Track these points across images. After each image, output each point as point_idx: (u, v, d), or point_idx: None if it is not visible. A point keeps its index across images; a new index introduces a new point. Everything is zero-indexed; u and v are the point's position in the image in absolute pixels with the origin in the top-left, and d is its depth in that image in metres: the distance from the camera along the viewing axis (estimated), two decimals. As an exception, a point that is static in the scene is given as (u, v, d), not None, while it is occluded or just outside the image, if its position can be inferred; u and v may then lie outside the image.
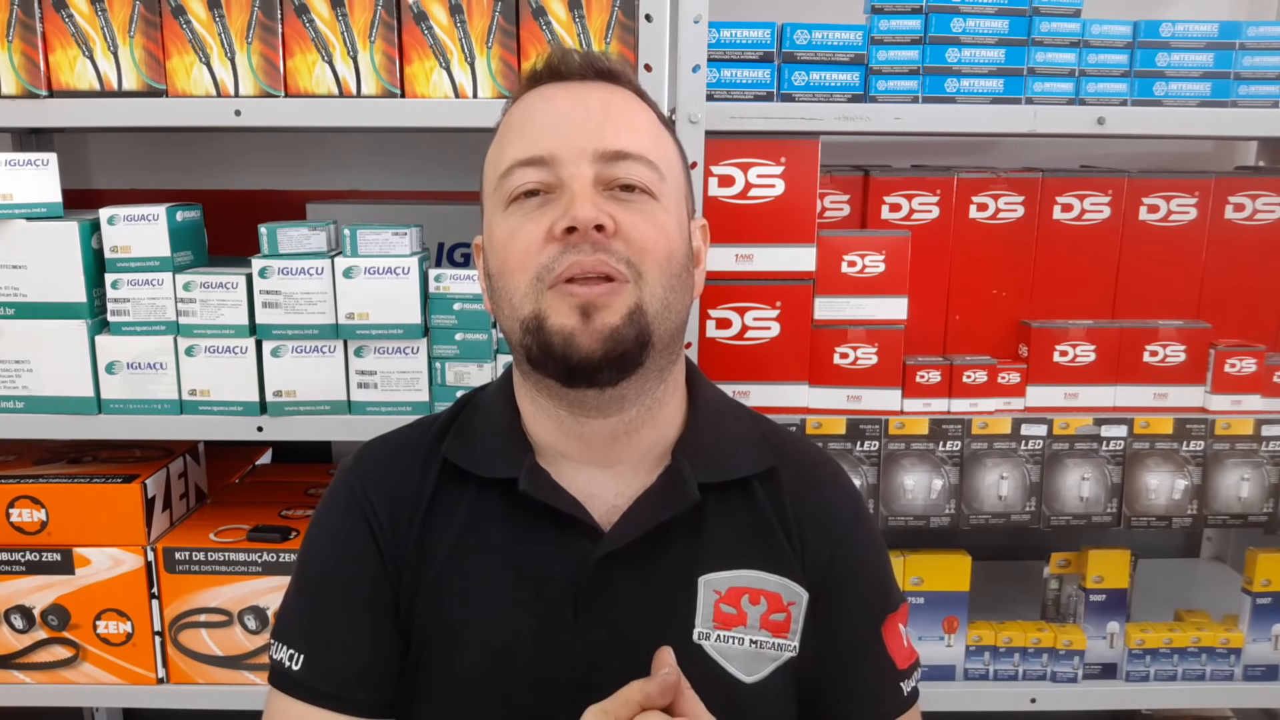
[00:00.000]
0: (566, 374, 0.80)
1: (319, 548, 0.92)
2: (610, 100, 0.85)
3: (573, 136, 0.81)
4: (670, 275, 0.82)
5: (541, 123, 0.83)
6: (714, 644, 0.86)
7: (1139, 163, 1.57)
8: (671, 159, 0.87)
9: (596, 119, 0.82)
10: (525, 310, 0.80)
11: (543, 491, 0.85)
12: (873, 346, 1.31)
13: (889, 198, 1.35)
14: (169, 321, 1.27)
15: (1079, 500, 1.34)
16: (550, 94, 0.85)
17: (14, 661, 1.35)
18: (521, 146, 0.82)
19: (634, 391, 0.84)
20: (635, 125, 0.84)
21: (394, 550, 0.88)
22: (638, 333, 0.79)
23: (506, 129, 0.86)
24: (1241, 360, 1.34)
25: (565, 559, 0.85)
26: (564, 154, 0.80)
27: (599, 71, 0.86)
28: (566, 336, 0.78)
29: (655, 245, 0.81)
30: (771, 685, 0.87)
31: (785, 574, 0.88)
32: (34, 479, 1.33)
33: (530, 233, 0.80)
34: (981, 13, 1.26)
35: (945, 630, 1.37)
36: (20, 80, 1.23)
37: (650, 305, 0.80)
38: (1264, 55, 1.29)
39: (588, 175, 0.80)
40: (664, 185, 0.84)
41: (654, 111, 0.89)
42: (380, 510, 0.89)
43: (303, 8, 1.21)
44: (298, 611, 0.90)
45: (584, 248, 0.78)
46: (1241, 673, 1.40)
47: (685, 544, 0.87)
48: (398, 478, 0.90)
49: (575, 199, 0.79)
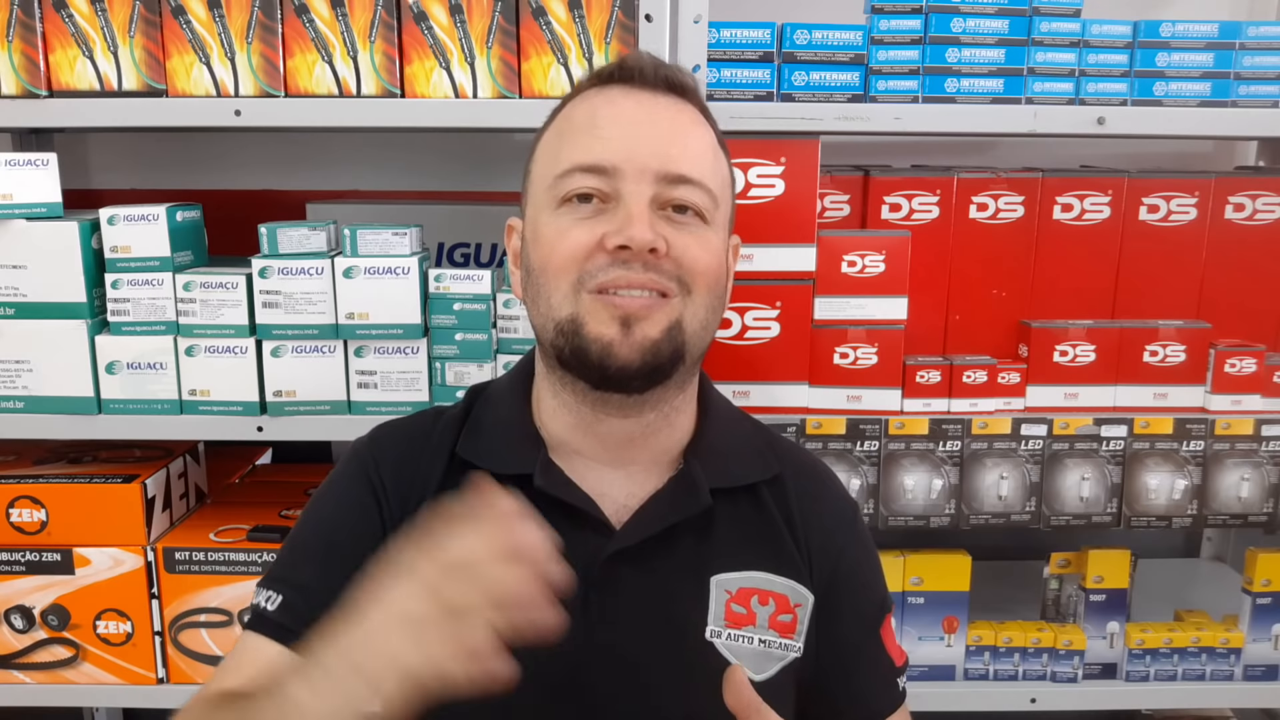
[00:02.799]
0: (600, 380, 0.82)
1: (322, 510, 0.92)
2: (677, 119, 0.85)
3: (637, 151, 0.81)
4: (714, 297, 0.84)
5: (607, 130, 0.82)
6: (725, 642, 0.88)
7: (1139, 163, 1.57)
8: (725, 182, 0.87)
9: (664, 137, 0.82)
10: (563, 313, 0.81)
11: (557, 487, 0.86)
12: (873, 346, 1.31)
13: (889, 198, 1.35)
14: (169, 321, 1.27)
15: (1079, 500, 1.34)
16: (618, 100, 0.84)
17: (14, 661, 1.35)
18: (584, 150, 0.82)
19: (655, 398, 0.85)
20: (700, 149, 0.84)
21: (399, 530, 0.88)
22: (674, 348, 0.81)
23: (568, 126, 0.85)
24: (1241, 360, 1.34)
25: (576, 554, 0.85)
26: (627, 169, 0.80)
27: (670, 84, 0.86)
28: (605, 345, 0.79)
29: (706, 269, 0.82)
30: (777, 684, 0.89)
31: (792, 576, 0.90)
32: (34, 479, 1.33)
33: (579, 238, 0.80)
34: (981, 13, 1.26)
35: (945, 630, 1.37)
36: (20, 80, 1.23)
37: (690, 324, 0.82)
38: (1264, 55, 1.29)
39: (647, 194, 0.80)
40: (716, 212, 0.85)
41: (715, 133, 0.89)
42: (390, 488, 0.89)
43: (303, 8, 1.21)
44: (282, 561, 0.90)
45: (635, 266, 0.79)
46: (1241, 673, 1.39)
47: (695, 545, 0.88)
48: (410, 461, 0.91)
49: (633, 219, 0.79)
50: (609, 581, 0.85)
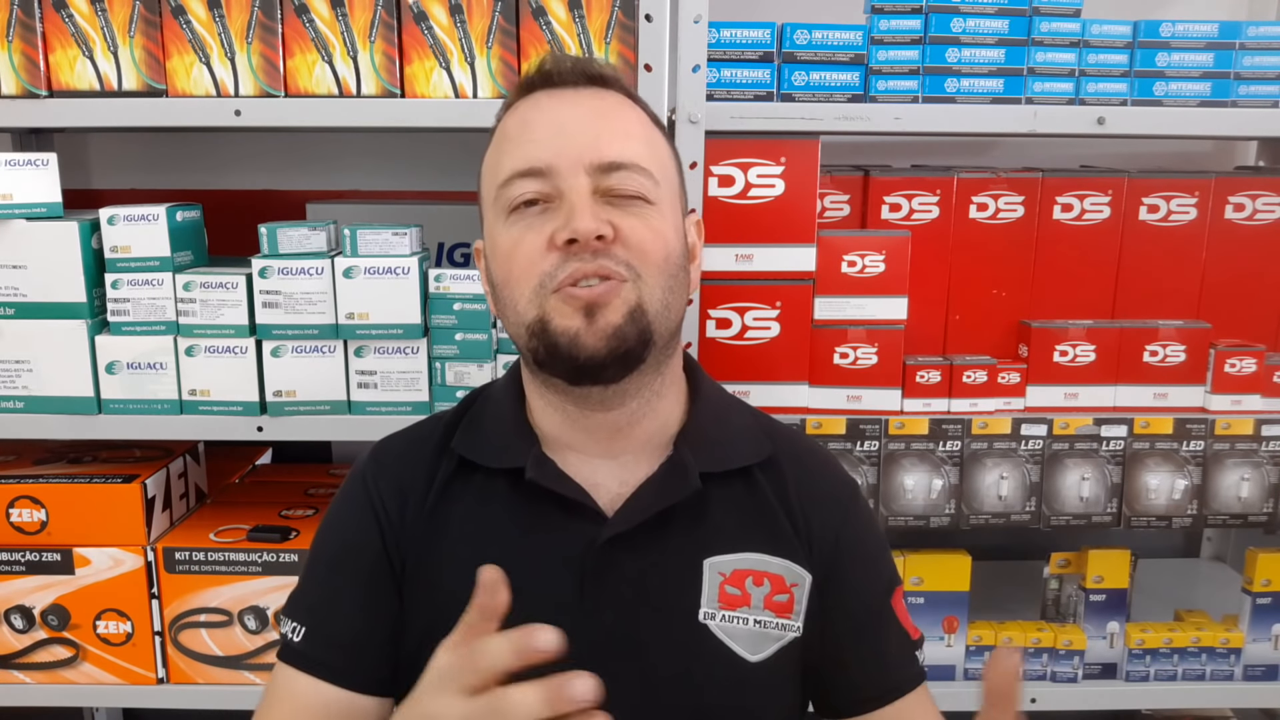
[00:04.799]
0: (573, 373, 0.83)
1: (327, 534, 0.96)
2: (601, 108, 0.86)
3: (567, 147, 0.83)
4: (668, 276, 0.85)
5: (536, 134, 0.84)
6: (719, 624, 0.89)
7: (1139, 163, 1.57)
8: (665, 161, 0.88)
9: (590, 129, 0.84)
10: (530, 315, 0.83)
11: (549, 479, 0.88)
12: (873, 346, 1.31)
13: (889, 198, 1.35)
14: (169, 321, 1.27)
15: (1079, 500, 1.34)
16: (544, 103, 0.86)
17: (14, 661, 1.35)
18: (519, 158, 0.84)
19: (634, 386, 0.87)
20: (628, 133, 0.86)
21: (398, 539, 0.91)
22: (639, 331, 0.82)
23: (503, 137, 0.88)
24: (1241, 360, 1.34)
25: (571, 544, 0.88)
26: (561, 165, 0.82)
27: (590, 77, 0.88)
28: (572, 337, 0.81)
29: (654, 249, 0.84)
30: (775, 664, 0.90)
31: (787, 556, 0.91)
32: (34, 479, 1.33)
33: (532, 242, 0.82)
34: (981, 13, 1.26)
35: (945, 630, 1.37)
36: (20, 80, 1.23)
37: (651, 305, 0.83)
38: (1264, 55, 1.29)
39: (585, 186, 0.82)
40: (659, 190, 0.86)
41: (646, 114, 0.90)
42: (388, 501, 0.92)
43: (303, 8, 1.21)
44: (303, 589, 0.95)
45: (585, 256, 0.81)
46: (1241, 673, 1.39)
47: (689, 529, 0.89)
48: (408, 471, 0.93)
49: (575, 210, 0.81)
50: (604, 568, 0.87)
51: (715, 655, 0.88)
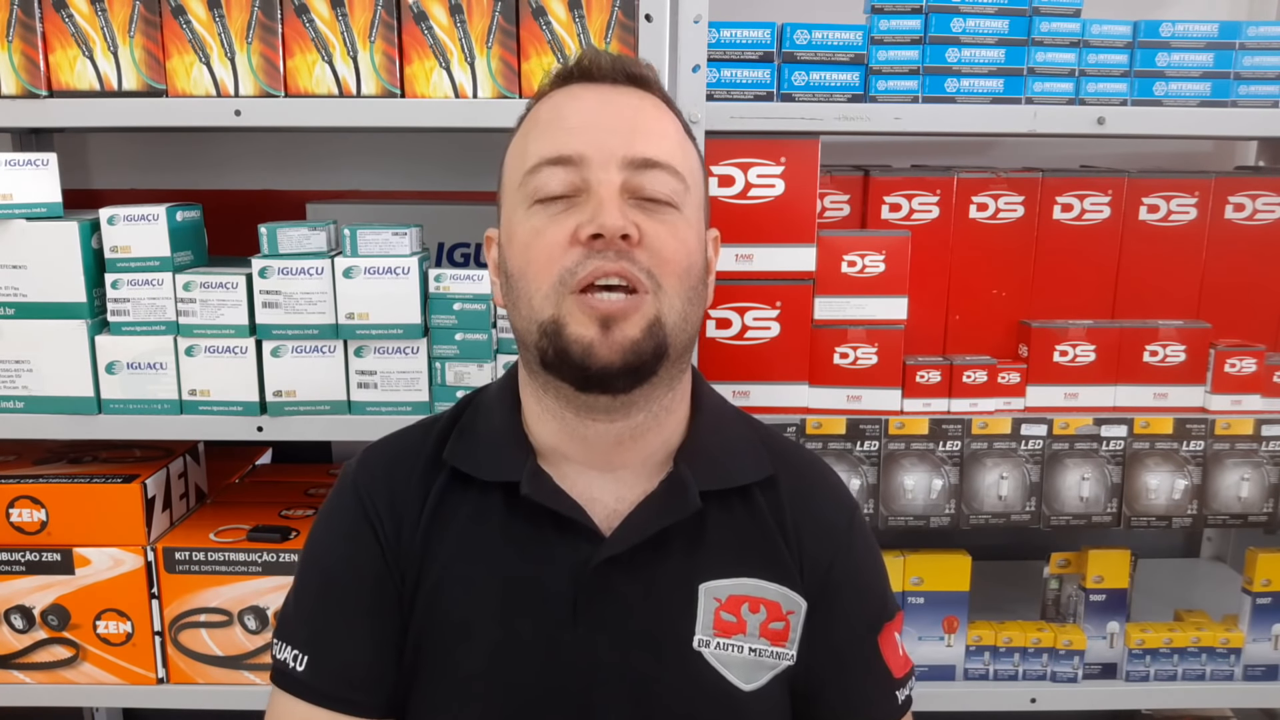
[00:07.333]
0: (583, 381, 0.80)
1: (322, 548, 0.92)
2: (641, 106, 0.84)
3: (603, 139, 0.80)
4: (688, 288, 0.83)
5: (571, 122, 0.82)
6: (714, 651, 0.86)
7: (1139, 163, 1.57)
8: (695, 169, 0.87)
9: (627, 124, 0.82)
10: (545, 314, 0.80)
11: (544, 495, 0.85)
12: (873, 346, 1.31)
13: (889, 198, 1.35)
14: (169, 321, 1.27)
15: (1079, 500, 1.34)
16: (580, 94, 0.84)
17: (14, 661, 1.35)
18: (549, 144, 0.81)
19: (643, 398, 0.84)
20: (664, 134, 0.84)
21: (397, 553, 0.88)
22: (656, 345, 0.80)
23: (533, 124, 0.85)
24: (1241, 360, 1.34)
25: (566, 562, 0.85)
26: (594, 156, 0.80)
27: (630, 76, 0.86)
28: (586, 346, 0.78)
29: (676, 257, 0.81)
30: (769, 693, 0.88)
31: (785, 583, 0.89)
32: (34, 479, 1.33)
33: (554, 235, 0.80)
34: (981, 13, 1.26)
35: (945, 630, 1.37)
36: (20, 80, 1.23)
37: (669, 317, 0.81)
38: (1264, 55, 1.29)
39: (615, 181, 0.80)
40: (687, 196, 0.84)
41: (680, 121, 0.88)
42: (384, 513, 0.89)
43: (303, 8, 1.21)
44: (300, 612, 0.91)
45: (608, 254, 0.78)
46: (1241, 673, 1.39)
47: (686, 551, 0.87)
48: (401, 481, 0.90)
49: (603, 205, 0.78)
50: (599, 589, 0.84)
51: (708, 683, 0.85)
